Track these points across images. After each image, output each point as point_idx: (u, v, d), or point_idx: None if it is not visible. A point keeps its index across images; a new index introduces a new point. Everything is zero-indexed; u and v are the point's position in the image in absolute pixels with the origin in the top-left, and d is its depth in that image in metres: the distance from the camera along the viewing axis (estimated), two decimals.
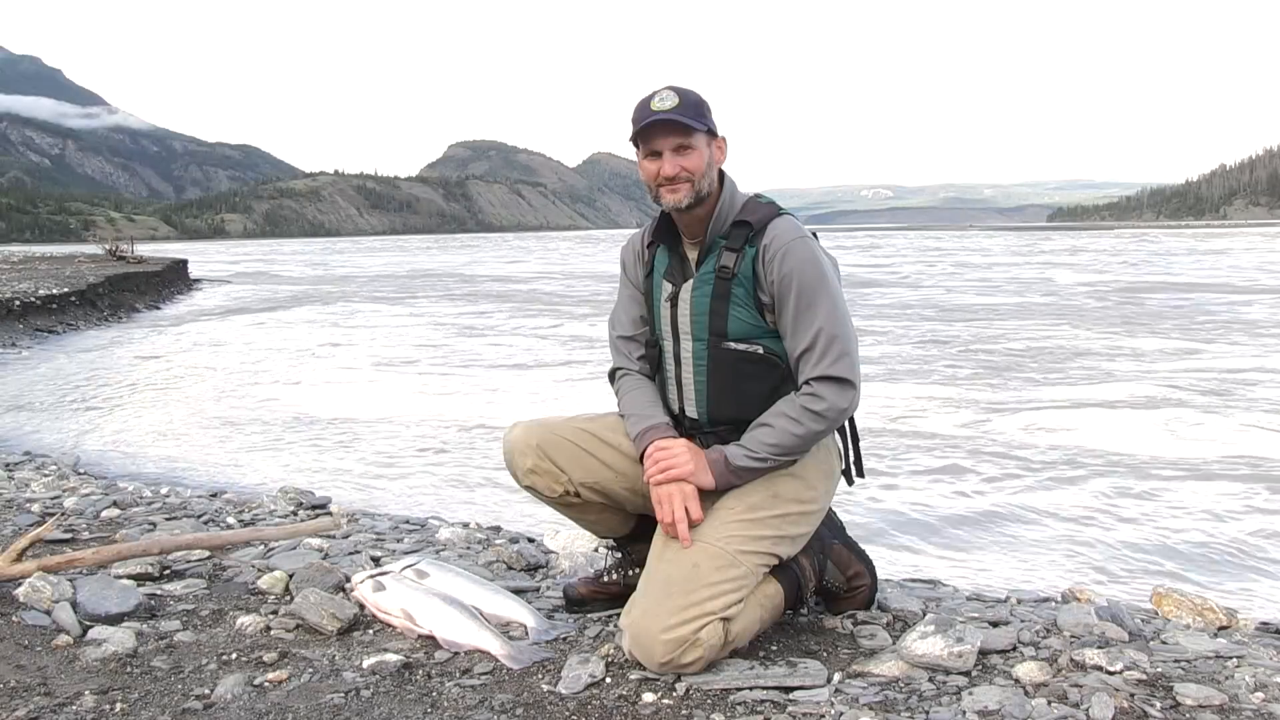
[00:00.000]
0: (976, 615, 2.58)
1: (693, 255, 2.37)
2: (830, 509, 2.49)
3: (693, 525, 2.18)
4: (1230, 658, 2.25)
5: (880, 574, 2.70)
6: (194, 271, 35.10)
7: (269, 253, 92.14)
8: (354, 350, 14.22)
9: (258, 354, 13.89)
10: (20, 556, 2.77)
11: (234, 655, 2.29)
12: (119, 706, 2.00)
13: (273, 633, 2.45)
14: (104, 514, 4.09)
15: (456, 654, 2.27)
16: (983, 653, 2.23)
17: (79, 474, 5.66)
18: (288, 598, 2.72)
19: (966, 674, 2.13)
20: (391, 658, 2.22)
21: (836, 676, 2.12)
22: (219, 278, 37.91)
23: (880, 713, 1.93)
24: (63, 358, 13.21)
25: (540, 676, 2.14)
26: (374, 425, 8.02)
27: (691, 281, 2.32)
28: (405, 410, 8.75)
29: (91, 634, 2.39)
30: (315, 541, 3.45)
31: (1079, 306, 19.07)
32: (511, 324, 18.20)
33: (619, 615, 2.29)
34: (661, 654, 2.06)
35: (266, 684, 2.12)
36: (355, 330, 17.60)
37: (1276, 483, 5.55)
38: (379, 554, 3.31)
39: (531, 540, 3.77)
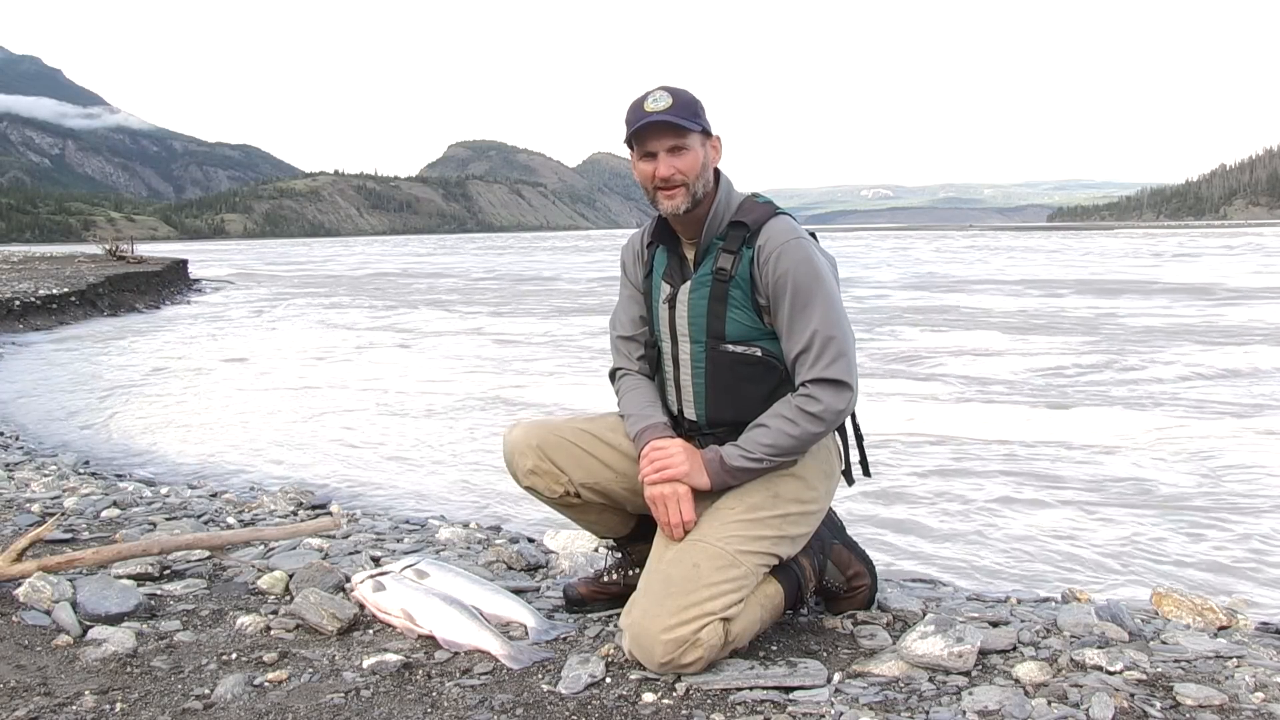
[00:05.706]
0: (976, 615, 2.58)
1: (691, 256, 2.37)
2: (830, 509, 2.49)
3: (687, 526, 2.18)
4: (1230, 658, 2.24)
5: (880, 574, 2.70)
6: (194, 271, 35.11)
7: (269, 253, 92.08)
8: (354, 350, 14.21)
9: (258, 354, 13.89)
10: (20, 556, 2.77)
11: (234, 655, 2.29)
12: (119, 706, 2.00)
13: (273, 633, 2.45)
14: (104, 514, 4.09)
15: (456, 654, 2.27)
16: (983, 653, 2.23)
17: (79, 474, 5.65)
18: (288, 598, 2.72)
19: (966, 674, 2.13)
20: (391, 658, 2.22)
21: (836, 676, 2.12)
22: (220, 278, 37.91)
23: (880, 713, 1.93)
24: (63, 358, 13.21)
25: (540, 676, 2.14)
26: (375, 425, 8.02)
27: (689, 284, 2.31)
28: (406, 410, 8.75)
29: (91, 634, 2.39)
30: (315, 541, 3.46)
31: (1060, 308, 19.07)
32: (516, 325, 18.19)
33: (619, 615, 2.29)
34: (662, 654, 2.06)
35: (266, 684, 2.12)
36: (356, 331, 17.59)
37: (1277, 481, 5.55)
38: (379, 554, 3.31)
39: (531, 540, 3.77)
